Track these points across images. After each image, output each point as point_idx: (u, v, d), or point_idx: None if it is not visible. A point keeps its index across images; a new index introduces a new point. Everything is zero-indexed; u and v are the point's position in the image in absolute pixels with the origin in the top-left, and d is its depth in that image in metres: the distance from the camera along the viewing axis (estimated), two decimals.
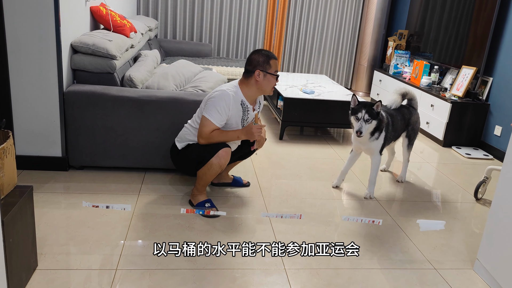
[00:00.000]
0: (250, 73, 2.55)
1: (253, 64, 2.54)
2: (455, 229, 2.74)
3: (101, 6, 3.67)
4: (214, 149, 2.52)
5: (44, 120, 2.93)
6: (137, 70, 3.35)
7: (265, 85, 2.56)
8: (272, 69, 2.55)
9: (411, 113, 3.36)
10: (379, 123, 2.90)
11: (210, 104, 2.49)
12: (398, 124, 3.21)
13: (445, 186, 3.46)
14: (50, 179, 2.91)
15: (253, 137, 2.53)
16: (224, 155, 2.52)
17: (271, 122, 4.79)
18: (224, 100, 2.49)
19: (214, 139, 2.51)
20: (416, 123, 3.39)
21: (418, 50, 5.73)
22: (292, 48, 6.69)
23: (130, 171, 3.14)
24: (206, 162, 2.52)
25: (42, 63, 2.82)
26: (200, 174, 2.59)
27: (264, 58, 2.53)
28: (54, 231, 2.30)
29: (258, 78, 2.54)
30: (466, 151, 4.34)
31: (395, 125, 3.17)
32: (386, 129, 3.04)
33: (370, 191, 3.10)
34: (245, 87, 2.59)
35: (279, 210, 2.78)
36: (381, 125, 2.95)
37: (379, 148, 3.04)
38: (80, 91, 2.94)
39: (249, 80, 2.57)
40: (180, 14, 6.18)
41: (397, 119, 3.20)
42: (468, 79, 4.47)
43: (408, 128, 3.34)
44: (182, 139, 2.67)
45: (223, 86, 2.58)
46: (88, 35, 3.15)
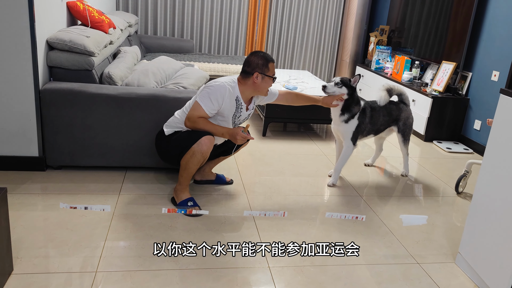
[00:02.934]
0: (248, 74, 2.60)
1: (252, 66, 2.59)
2: (437, 223, 2.76)
3: (78, 2, 3.57)
4: (197, 137, 2.51)
5: (20, 119, 2.84)
6: (116, 67, 3.28)
7: (262, 87, 2.63)
8: (270, 72, 2.61)
9: (401, 109, 3.37)
10: (349, 101, 3.01)
11: (206, 92, 2.53)
12: (379, 119, 3.24)
13: (427, 180, 3.49)
14: (26, 179, 2.83)
15: (236, 142, 2.53)
16: (207, 142, 2.50)
17: (254, 119, 4.76)
18: (220, 91, 2.53)
19: (199, 125, 2.52)
20: (408, 119, 3.41)
21: (399, 45, 5.77)
22: (275, 44, 6.66)
23: (111, 170, 3.08)
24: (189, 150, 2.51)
25: (16, 60, 2.73)
26: (183, 163, 2.56)
27: (263, 61, 2.59)
28: (31, 234, 2.24)
29: (256, 80, 2.59)
30: (447, 145, 4.39)
31: (374, 119, 3.20)
32: (361, 118, 3.10)
33: (333, 180, 3.16)
34: (242, 86, 2.64)
35: (263, 208, 2.76)
36: (353, 107, 3.05)
37: (349, 134, 3.10)
38: (57, 89, 2.86)
39: (246, 81, 2.62)
40: (160, 9, 6.09)
41: (378, 114, 3.22)
42: (448, 74, 4.51)
43: (399, 124, 3.36)
44: (171, 125, 2.67)
45: (222, 79, 2.61)
46: (65, 31, 3.07)
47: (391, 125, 3.38)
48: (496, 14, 4.15)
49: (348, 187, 3.19)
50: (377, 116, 3.22)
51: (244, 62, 2.64)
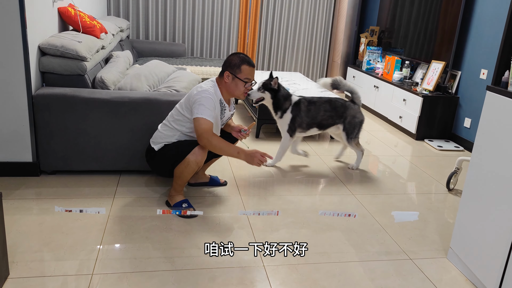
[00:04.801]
0: (221, 73, 2.57)
1: (225, 65, 2.56)
2: (429, 219, 2.80)
3: (69, 7, 3.59)
4: (190, 147, 2.51)
5: (13, 125, 2.85)
6: (108, 72, 3.30)
7: (232, 88, 2.57)
8: (242, 74, 2.53)
9: (347, 107, 3.45)
10: (276, 100, 3.30)
11: (198, 104, 2.45)
12: (319, 113, 3.39)
13: (419, 178, 3.53)
14: (20, 185, 2.84)
15: (252, 163, 2.43)
16: (201, 151, 2.51)
17: (247, 121, 4.79)
18: (209, 97, 2.48)
19: (215, 142, 2.41)
20: (354, 118, 3.46)
21: (390, 46, 5.83)
22: (266, 46, 6.71)
23: (105, 174, 3.09)
24: (182, 160, 2.50)
25: (8, 66, 2.74)
26: (177, 173, 2.57)
27: (237, 62, 2.53)
28: (26, 238, 2.24)
29: (227, 79, 2.55)
30: (438, 143, 4.45)
31: (313, 112, 3.38)
32: (295, 112, 3.33)
33: (271, 162, 3.50)
34: (220, 86, 2.60)
35: (257, 208, 2.78)
36: (282, 104, 3.32)
37: (285, 127, 3.39)
38: (50, 94, 2.87)
39: (221, 80, 2.59)
40: (152, 14, 6.11)
41: (318, 109, 3.39)
42: (437, 73, 4.57)
43: (344, 122, 3.45)
44: (158, 141, 2.64)
45: (202, 85, 2.55)
46: (57, 37, 3.08)
47: (337, 122, 3.45)
48: (483, 13, 4.22)
49: (341, 187, 3.22)
50: (316, 110, 3.38)
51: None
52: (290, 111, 3.34)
